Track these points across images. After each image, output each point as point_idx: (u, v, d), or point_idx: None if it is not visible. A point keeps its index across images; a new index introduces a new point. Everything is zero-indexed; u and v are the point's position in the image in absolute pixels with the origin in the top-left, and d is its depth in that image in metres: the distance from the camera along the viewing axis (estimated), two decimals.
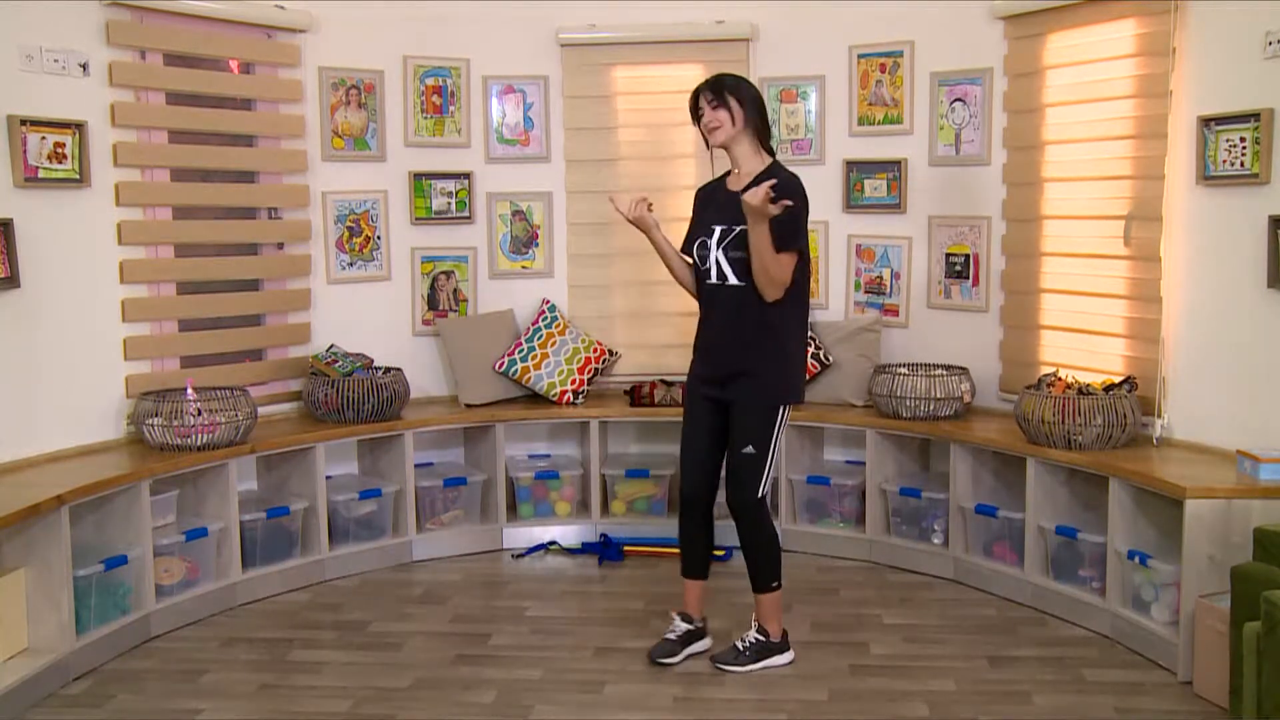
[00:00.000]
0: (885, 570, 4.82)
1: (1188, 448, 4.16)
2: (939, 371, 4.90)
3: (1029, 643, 4.03)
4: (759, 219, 3.53)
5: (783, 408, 3.76)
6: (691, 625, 3.97)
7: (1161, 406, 4.26)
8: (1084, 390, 4.28)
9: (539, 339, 5.27)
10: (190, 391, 4.40)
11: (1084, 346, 4.58)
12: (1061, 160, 4.63)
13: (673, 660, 3.90)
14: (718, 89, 3.73)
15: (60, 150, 4.19)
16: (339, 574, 4.78)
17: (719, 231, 3.73)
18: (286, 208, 5.03)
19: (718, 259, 3.73)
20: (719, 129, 3.73)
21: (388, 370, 5.02)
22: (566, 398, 5.21)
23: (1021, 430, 4.37)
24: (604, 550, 5.00)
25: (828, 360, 5.09)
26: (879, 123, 5.17)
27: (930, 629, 4.17)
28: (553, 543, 5.15)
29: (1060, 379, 4.39)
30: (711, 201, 3.85)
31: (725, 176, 3.87)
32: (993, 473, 4.65)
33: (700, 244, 3.79)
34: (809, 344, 5.02)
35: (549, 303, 5.43)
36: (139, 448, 4.37)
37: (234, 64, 4.88)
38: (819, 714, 3.51)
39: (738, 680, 3.75)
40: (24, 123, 4.06)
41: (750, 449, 3.74)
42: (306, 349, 5.11)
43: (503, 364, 5.22)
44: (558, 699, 3.63)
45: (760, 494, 3.77)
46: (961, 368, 4.91)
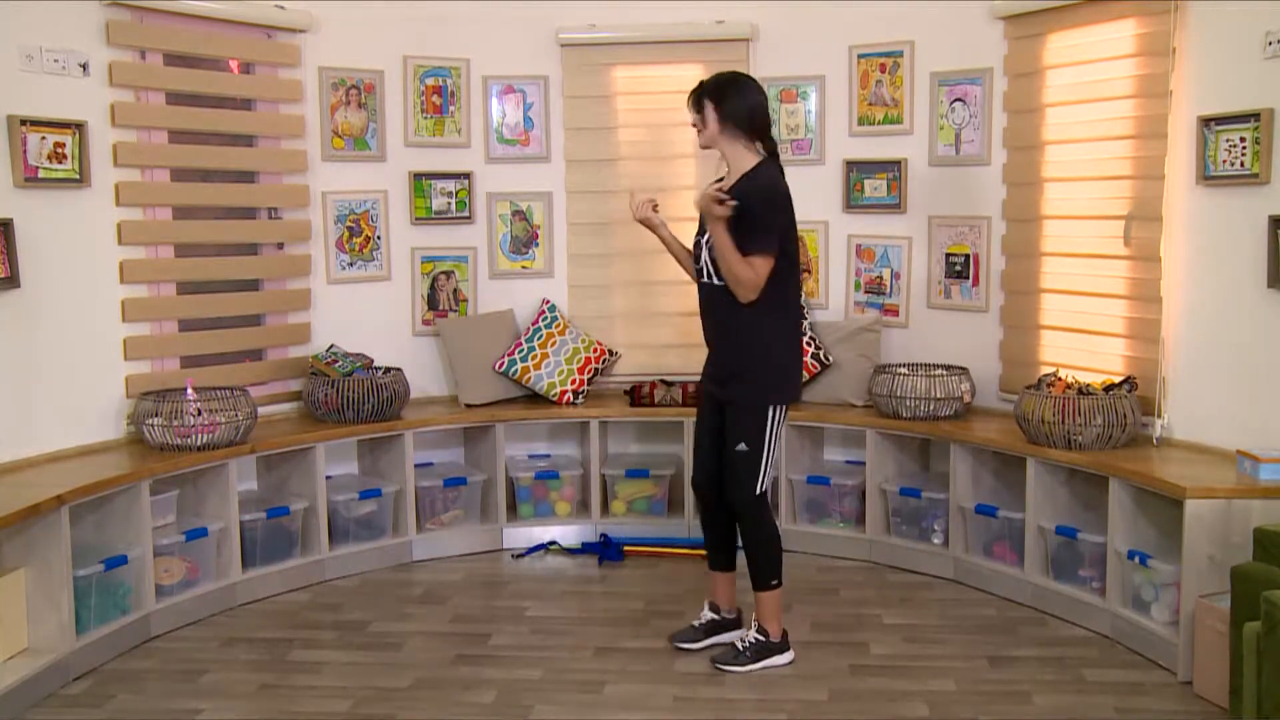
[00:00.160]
0: (885, 570, 4.82)
1: (1188, 448, 4.16)
2: (939, 371, 4.90)
3: (1029, 643, 4.03)
4: (712, 220, 3.60)
5: (772, 409, 3.76)
6: (718, 616, 4.03)
7: (1161, 406, 4.26)
8: (1084, 390, 4.27)
9: (539, 339, 5.27)
10: (190, 391, 4.40)
11: (1084, 346, 4.58)
12: (1061, 160, 4.63)
13: (691, 646, 3.98)
14: (694, 94, 3.80)
15: (60, 150, 4.19)
16: (339, 574, 4.78)
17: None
18: (286, 208, 5.03)
19: (706, 258, 3.77)
20: (699, 133, 3.82)
21: (388, 370, 5.02)
22: (566, 398, 5.20)
23: (1021, 430, 4.37)
24: (604, 550, 5.00)
25: (828, 360, 5.09)
26: (879, 123, 5.17)
27: (930, 629, 4.17)
28: (553, 543, 5.15)
29: (1060, 379, 4.39)
30: None
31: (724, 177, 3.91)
32: (993, 473, 4.65)
33: (695, 244, 3.85)
34: (805, 345, 5.04)
35: (549, 303, 5.43)
36: (139, 448, 4.37)
37: (234, 64, 4.88)
38: (819, 714, 3.51)
39: (738, 680, 3.75)
40: (24, 123, 4.06)
41: (743, 447, 3.76)
42: (306, 349, 5.11)
43: (503, 364, 5.22)
44: (558, 699, 3.63)
45: (758, 492, 3.78)
46: (961, 368, 4.91)
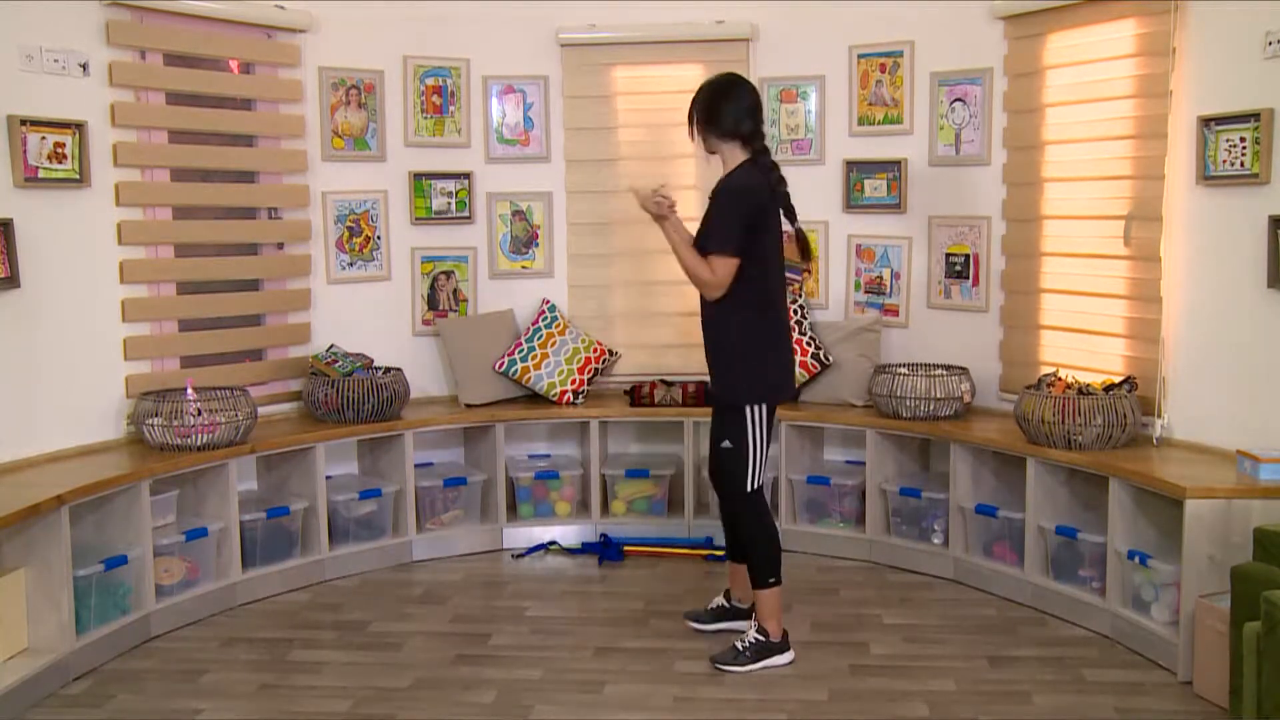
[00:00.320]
0: (885, 570, 4.82)
1: (1188, 448, 4.16)
2: (939, 371, 4.90)
3: (1029, 643, 4.03)
4: (659, 220, 3.79)
5: (749, 408, 3.77)
6: (728, 604, 4.11)
7: (1161, 406, 4.26)
8: (1084, 390, 4.27)
9: (539, 339, 5.27)
10: (190, 391, 4.40)
11: (1084, 346, 4.58)
12: (1061, 160, 4.63)
13: (700, 626, 4.11)
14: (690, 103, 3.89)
15: (60, 150, 4.19)
16: (339, 574, 4.78)
17: None
18: (286, 208, 5.03)
19: None
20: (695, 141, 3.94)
21: (388, 370, 5.02)
22: (566, 398, 5.20)
23: (1021, 430, 4.37)
24: (604, 550, 5.00)
25: (828, 360, 5.09)
26: (879, 123, 5.17)
27: (930, 629, 4.17)
28: (553, 543, 5.15)
29: (1060, 379, 4.39)
30: None
31: None
32: (993, 473, 4.65)
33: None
34: (805, 345, 5.04)
35: (549, 303, 5.43)
36: (139, 448, 4.37)
37: (234, 64, 4.88)
38: (819, 714, 3.51)
39: (738, 680, 3.75)
40: (24, 123, 4.06)
41: (727, 444, 3.81)
42: (306, 349, 5.11)
43: (503, 364, 5.22)
44: (558, 699, 3.63)
45: (749, 488, 3.81)
46: (961, 368, 4.91)
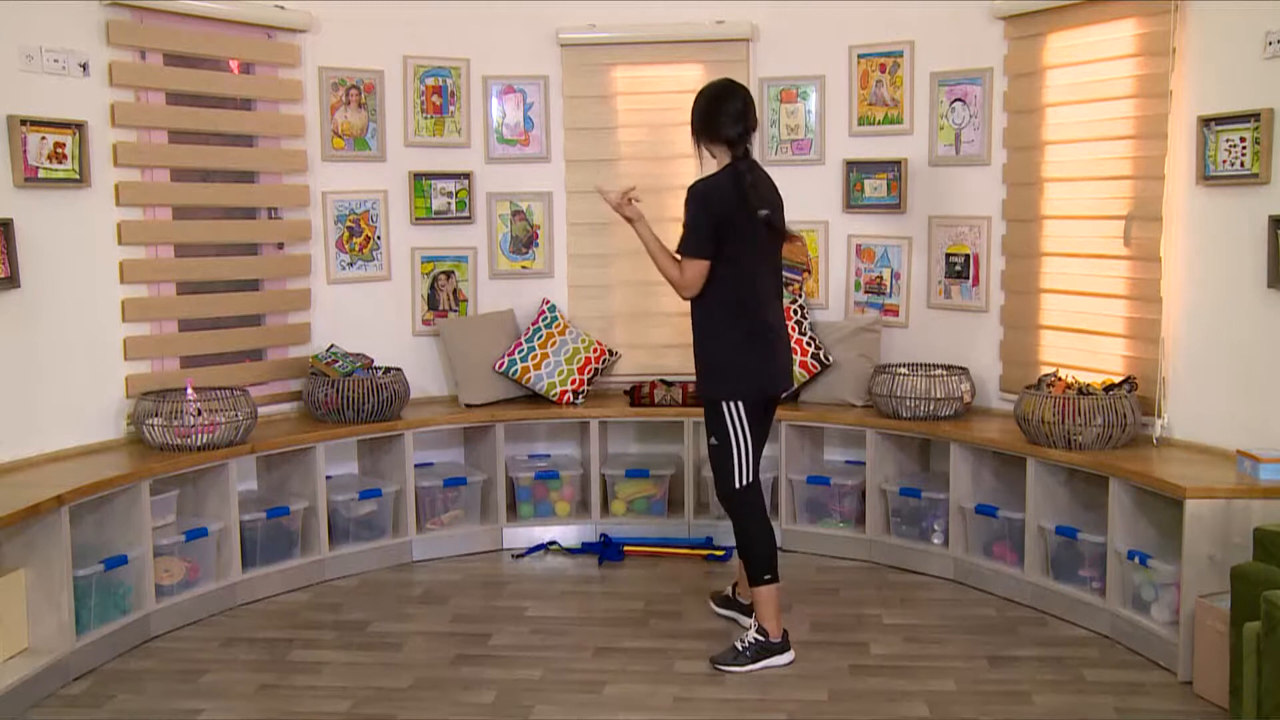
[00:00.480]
0: (885, 570, 4.82)
1: (1188, 448, 4.16)
2: (939, 371, 4.90)
3: (1029, 643, 4.03)
4: (630, 222, 3.89)
5: (726, 404, 3.79)
6: (732, 596, 4.24)
7: (1161, 406, 4.26)
8: (1084, 390, 4.27)
9: (539, 339, 5.27)
10: (190, 391, 4.40)
11: (1084, 346, 4.58)
12: (1061, 160, 4.63)
13: (713, 605, 4.28)
14: None
15: (60, 150, 4.19)
16: (339, 574, 4.78)
17: None
18: (286, 208, 5.03)
19: None
20: None
21: (388, 370, 5.02)
22: (566, 398, 5.20)
23: (1021, 430, 4.37)
24: (604, 550, 5.00)
25: (828, 360, 5.09)
26: (879, 123, 5.17)
27: (930, 629, 4.17)
28: (553, 543, 5.15)
29: (1060, 379, 4.39)
30: None
31: None
32: (993, 473, 4.65)
33: None
34: (805, 345, 5.04)
35: (549, 303, 5.43)
36: (139, 448, 4.37)
37: (234, 64, 4.88)
38: (819, 714, 3.51)
39: (738, 680, 3.75)
40: (24, 123, 4.06)
41: (713, 440, 3.86)
42: (306, 349, 5.11)
43: (503, 364, 5.22)
44: (558, 699, 3.63)
45: (737, 484, 3.83)
46: (961, 368, 4.91)
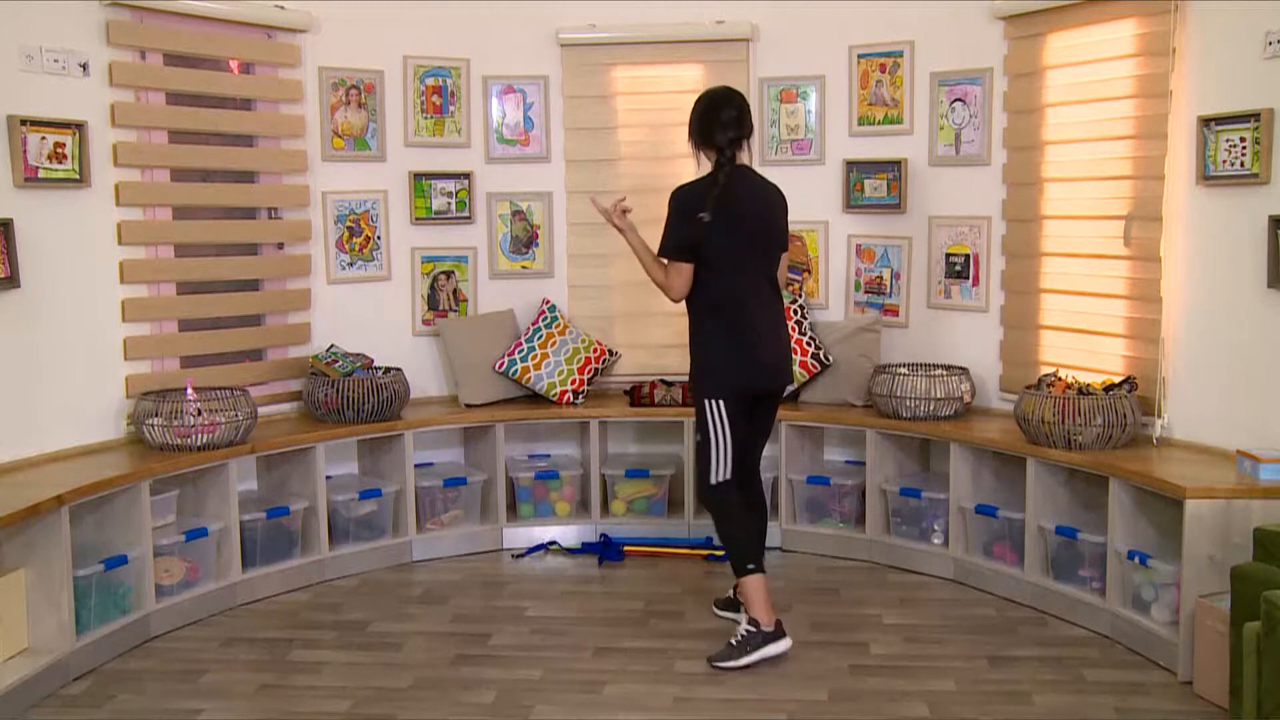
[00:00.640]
0: (885, 570, 4.82)
1: (1188, 448, 4.16)
2: (939, 371, 4.90)
3: (1029, 643, 4.03)
4: (619, 231, 4.01)
5: (707, 402, 3.88)
6: (733, 596, 4.18)
7: (1161, 406, 4.26)
8: (1084, 390, 4.27)
9: (539, 339, 5.27)
10: (190, 391, 4.40)
11: (1084, 346, 4.58)
12: (1061, 160, 4.63)
13: (715, 610, 4.28)
14: None
15: (60, 150, 4.19)
16: (339, 574, 4.78)
17: None
18: (286, 208, 5.03)
19: None
20: None
21: (388, 370, 5.02)
22: (566, 398, 5.20)
23: (1021, 430, 4.37)
24: (604, 550, 5.00)
25: (828, 360, 5.09)
26: (879, 123, 5.17)
27: (930, 629, 4.17)
28: (553, 543, 5.15)
29: (1060, 379, 4.39)
30: None
31: None
32: (993, 473, 4.65)
33: None
34: (805, 345, 5.04)
35: (549, 303, 5.43)
36: (139, 448, 4.37)
37: (234, 64, 4.88)
38: (819, 714, 3.51)
39: (737, 680, 3.75)
40: (24, 123, 4.06)
41: (698, 437, 3.95)
42: (306, 349, 5.11)
43: (503, 364, 5.22)
44: (558, 699, 3.63)
45: (712, 481, 3.90)
46: (961, 368, 4.91)
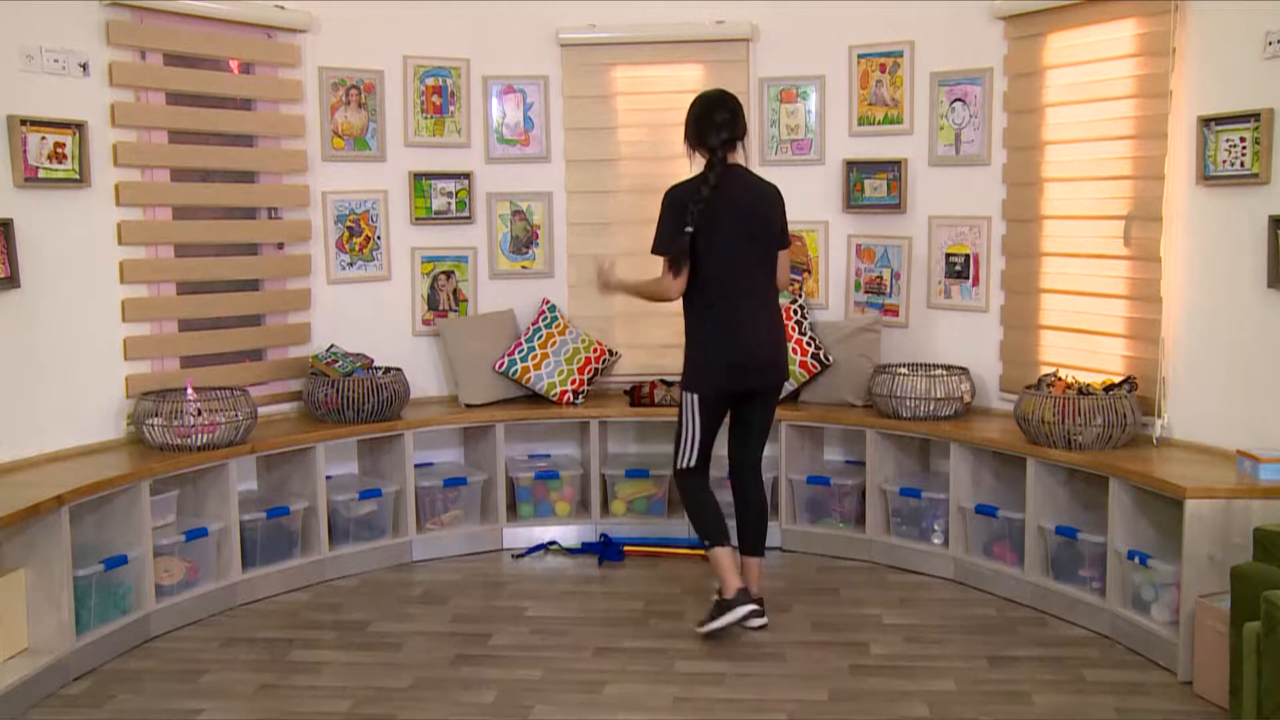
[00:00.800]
0: (885, 570, 4.82)
1: (1188, 448, 4.16)
2: (939, 371, 4.90)
3: (1029, 643, 4.03)
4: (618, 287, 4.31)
5: (685, 395, 4.09)
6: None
7: (1161, 406, 4.26)
8: (1084, 390, 4.27)
9: (539, 339, 5.27)
10: (190, 391, 4.40)
11: (1084, 346, 4.58)
12: (1061, 160, 4.63)
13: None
14: None
15: (60, 150, 4.19)
16: (339, 574, 4.78)
17: None
18: (286, 208, 5.03)
19: None
20: None
21: (388, 370, 5.02)
22: (566, 398, 5.20)
23: (1021, 430, 4.37)
24: (604, 550, 5.00)
25: (828, 360, 5.09)
26: (879, 123, 5.17)
27: (930, 629, 4.17)
28: (553, 543, 5.15)
29: (1060, 379, 4.39)
30: None
31: None
32: (993, 473, 4.65)
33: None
34: (805, 345, 5.05)
35: (549, 303, 5.43)
36: (139, 448, 4.37)
37: (234, 64, 4.88)
38: (819, 714, 3.51)
39: (737, 680, 3.75)
40: (24, 123, 4.06)
41: (678, 422, 4.15)
42: (306, 349, 5.11)
43: (503, 364, 5.22)
44: (558, 699, 3.63)
45: (679, 465, 4.14)
46: (961, 368, 4.91)
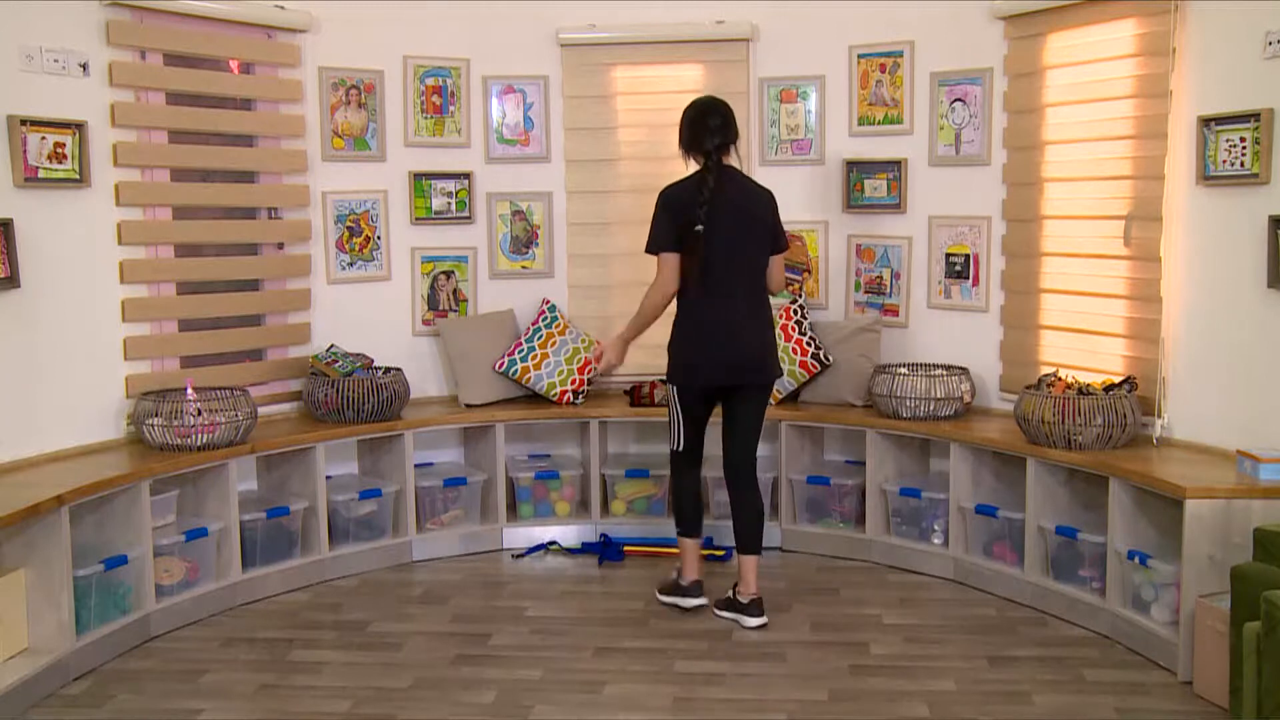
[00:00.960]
0: (885, 570, 4.82)
1: (1188, 448, 4.16)
2: (939, 371, 4.90)
3: (1029, 643, 4.03)
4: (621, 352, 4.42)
5: (670, 385, 4.28)
6: (732, 597, 4.29)
7: (1161, 406, 4.26)
8: (1084, 390, 4.27)
9: (539, 339, 5.27)
10: (190, 391, 4.40)
11: (1084, 346, 4.58)
12: (1061, 160, 4.63)
13: (715, 611, 4.32)
14: None
15: (60, 150, 4.19)
16: (339, 574, 4.79)
17: None
18: (286, 208, 5.03)
19: None
20: None
21: (388, 370, 5.02)
22: (566, 398, 5.20)
23: (1021, 430, 4.37)
24: (604, 550, 5.00)
25: (828, 360, 5.09)
26: (879, 123, 5.17)
27: (930, 629, 4.17)
28: (553, 543, 5.15)
29: (1060, 379, 4.39)
30: None
31: None
32: (993, 473, 4.65)
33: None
34: (805, 345, 5.05)
35: (549, 303, 5.43)
36: (139, 448, 4.37)
37: (234, 64, 4.88)
38: (819, 714, 3.51)
39: (737, 680, 3.75)
40: (24, 123, 4.06)
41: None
42: (306, 349, 5.11)
43: (503, 364, 5.22)
44: (558, 699, 3.63)
45: (670, 447, 4.34)
46: (961, 368, 4.91)
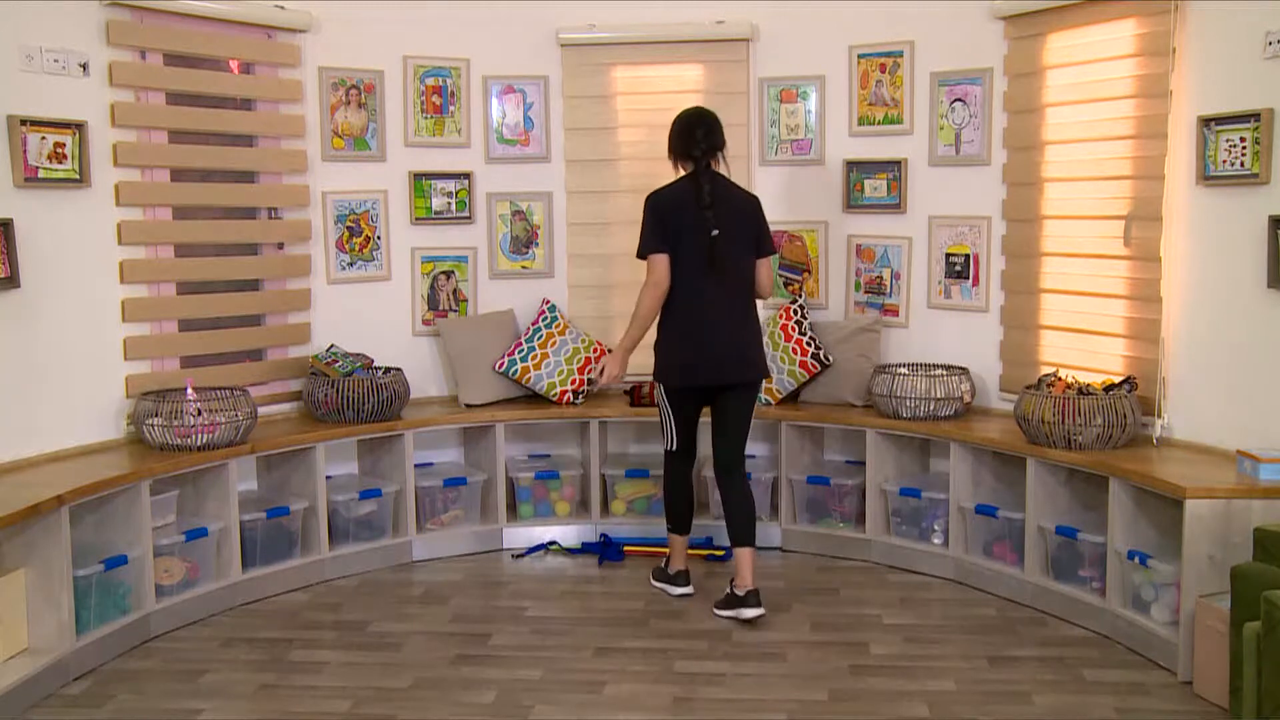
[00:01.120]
0: (885, 570, 4.82)
1: (1188, 448, 4.16)
2: (939, 371, 4.90)
3: (1029, 643, 4.03)
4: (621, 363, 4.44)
5: (658, 384, 4.37)
6: (731, 591, 4.33)
7: (1161, 406, 4.26)
8: (1084, 390, 4.28)
9: (539, 339, 5.27)
10: (190, 391, 4.40)
11: (1084, 346, 4.58)
12: (1061, 160, 4.63)
13: (715, 611, 4.34)
14: None
15: (60, 150, 4.19)
16: (339, 574, 4.79)
17: None
18: (286, 208, 5.03)
19: None
20: None
21: (388, 370, 5.02)
22: (566, 398, 5.20)
23: (1021, 430, 4.37)
24: (604, 550, 5.00)
25: (828, 360, 5.09)
26: (879, 123, 5.17)
27: (930, 629, 4.17)
28: (553, 543, 5.15)
29: (1060, 379, 4.39)
30: None
31: None
32: (993, 473, 4.65)
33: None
34: (805, 345, 5.05)
35: (549, 303, 5.43)
36: (139, 448, 4.37)
37: (234, 64, 4.88)
38: (819, 714, 3.51)
39: (737, 680, 3.75)
40: (24, 123, 4.06)
41: None
42: (306, 349, 5.11)
43: (503, 364, 5.22)
44: (558, 699, 3.63)
45: (663, 447, 4.46)
46: (961, 368, 4.91)
